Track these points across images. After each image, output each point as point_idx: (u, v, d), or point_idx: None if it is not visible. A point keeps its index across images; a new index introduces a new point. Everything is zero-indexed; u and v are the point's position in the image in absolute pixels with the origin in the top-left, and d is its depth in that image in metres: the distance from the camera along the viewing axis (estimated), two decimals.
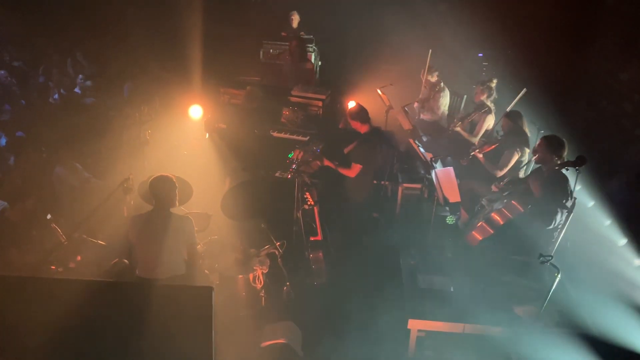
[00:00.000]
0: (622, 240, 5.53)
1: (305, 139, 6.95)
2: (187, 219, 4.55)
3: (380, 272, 5.48)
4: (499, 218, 4.98)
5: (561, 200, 4.80)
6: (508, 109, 6.26)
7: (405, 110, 6.59)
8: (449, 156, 6.47)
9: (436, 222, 5.53)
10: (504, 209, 4.96)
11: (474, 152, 5.94)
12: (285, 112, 7.17)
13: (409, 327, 4.59)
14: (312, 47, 9.12)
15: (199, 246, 4.87)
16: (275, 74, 8.59)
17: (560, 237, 4.84)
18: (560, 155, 4.91)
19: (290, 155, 5.94)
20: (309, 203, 5.49)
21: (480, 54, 8.86)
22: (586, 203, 5.77)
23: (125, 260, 4.83)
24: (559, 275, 4.06)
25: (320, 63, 9.41)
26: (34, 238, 5.21)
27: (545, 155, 4.96)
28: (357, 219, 6.09)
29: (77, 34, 9.36)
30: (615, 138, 7.52)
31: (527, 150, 5.93)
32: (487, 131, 6.70)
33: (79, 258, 5.11)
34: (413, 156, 6.44)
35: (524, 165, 5.89)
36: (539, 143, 5.08)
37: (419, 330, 4.61)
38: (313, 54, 9.11)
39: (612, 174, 6.48)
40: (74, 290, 2.88)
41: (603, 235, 5.58)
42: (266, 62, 9.21)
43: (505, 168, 5.94)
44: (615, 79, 8.23)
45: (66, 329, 2.79)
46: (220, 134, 6.71)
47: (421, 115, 7.38)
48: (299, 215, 5.70)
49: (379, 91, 6.88)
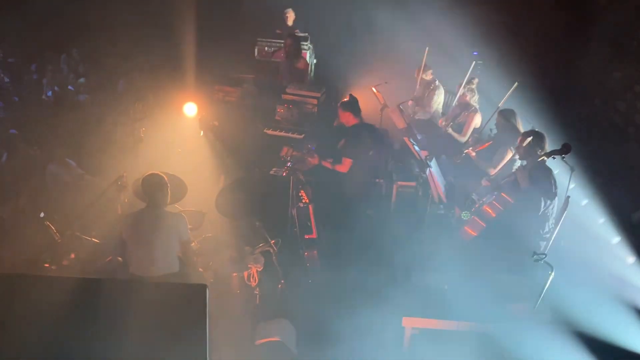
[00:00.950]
0: (616, 239, 5.57)
1: (300, 136, 6.94)
2: (180, 216, 4.55)
3: (375, 270, 5.47)
4: (490, 210, 5.03)
5: (546, 187, 4.90)
6: (500, 104, 6.29)
7: (400, 109, 6.59)
8: (443, 155, 6.49)
9: (430, 220, 5.54)
10: (494, 202, 5.02)
11: (467, 151, 5.96)
12: (280, 110, 7.15)
13: (403, 325, 4.60)
14: (307, 45, 9.10)
15: (193, 244, 4.86)
16: (270, 72, 8.56)
17: (554, 235, 4.87)
18: (543, 147, 5.01)
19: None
20: (303, 201, 5.49)
21: (475, 52, 8.86)
22: (580, 201, 5.79)
23: (119, 258, 4.81)
24: (553, 273, 4.08)
25: (315, 61, 9.39)
26: (27, 236, 5.18)
27: (528, 149, 5.04)
28: (352, 217, 6.09)
29: (71, 31, 9.31)
30: (608, 136, 7.56)
31: None
32: (476, 129, 6.75)
33: (73, 256, 5.07)
34: (408, 154, 6.45)
35: (518, 163, 5.90)
36: (520, 140, 5.15)
37: (413, 328, 4.63)
38: (308, 52, 9.08)
39: (611, 174, 6.53)
40: (68, 288, 2.87)
41: (597, 234, 5.61)
42: (261, 60, 9.20)
43: (499, 165, 5.96)
44: (609, 77, 8.26)
45: (59, 327, 2.78)
46: (215, 131, 6.69)
47: (416, 115, 7.40)
48: (293, 213, 5.70)
49: (374, 89, 6.88)
